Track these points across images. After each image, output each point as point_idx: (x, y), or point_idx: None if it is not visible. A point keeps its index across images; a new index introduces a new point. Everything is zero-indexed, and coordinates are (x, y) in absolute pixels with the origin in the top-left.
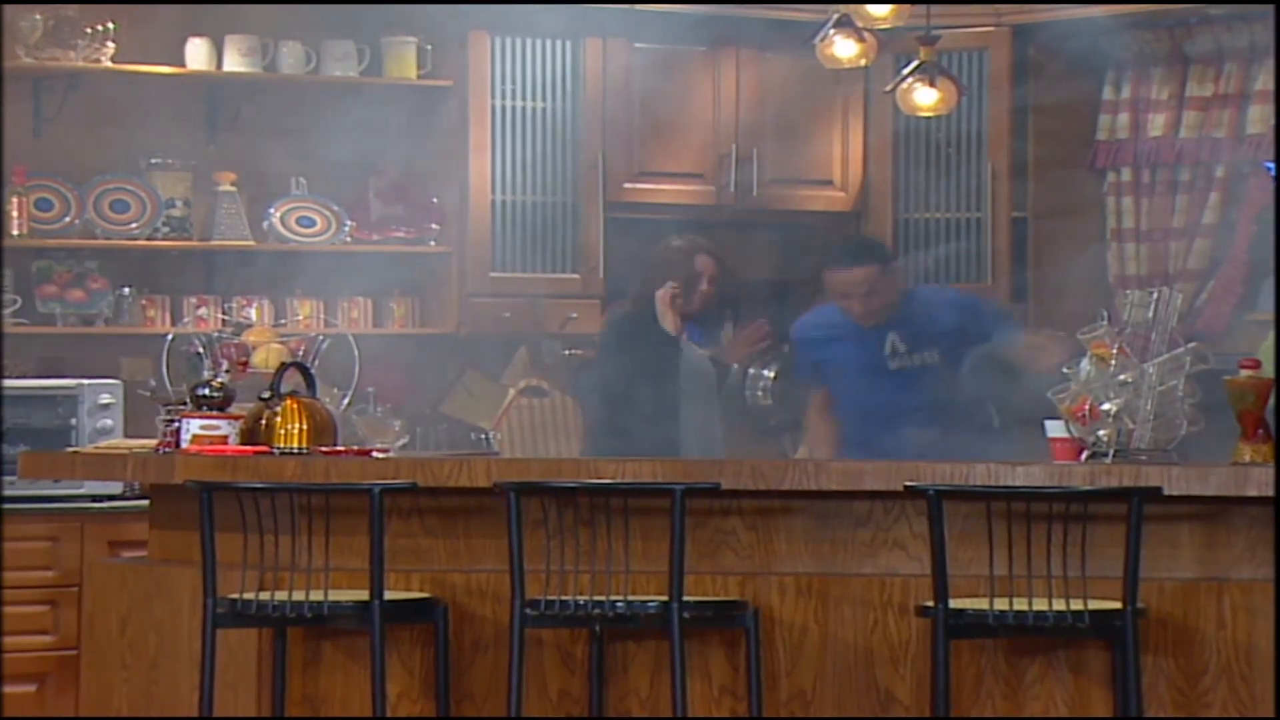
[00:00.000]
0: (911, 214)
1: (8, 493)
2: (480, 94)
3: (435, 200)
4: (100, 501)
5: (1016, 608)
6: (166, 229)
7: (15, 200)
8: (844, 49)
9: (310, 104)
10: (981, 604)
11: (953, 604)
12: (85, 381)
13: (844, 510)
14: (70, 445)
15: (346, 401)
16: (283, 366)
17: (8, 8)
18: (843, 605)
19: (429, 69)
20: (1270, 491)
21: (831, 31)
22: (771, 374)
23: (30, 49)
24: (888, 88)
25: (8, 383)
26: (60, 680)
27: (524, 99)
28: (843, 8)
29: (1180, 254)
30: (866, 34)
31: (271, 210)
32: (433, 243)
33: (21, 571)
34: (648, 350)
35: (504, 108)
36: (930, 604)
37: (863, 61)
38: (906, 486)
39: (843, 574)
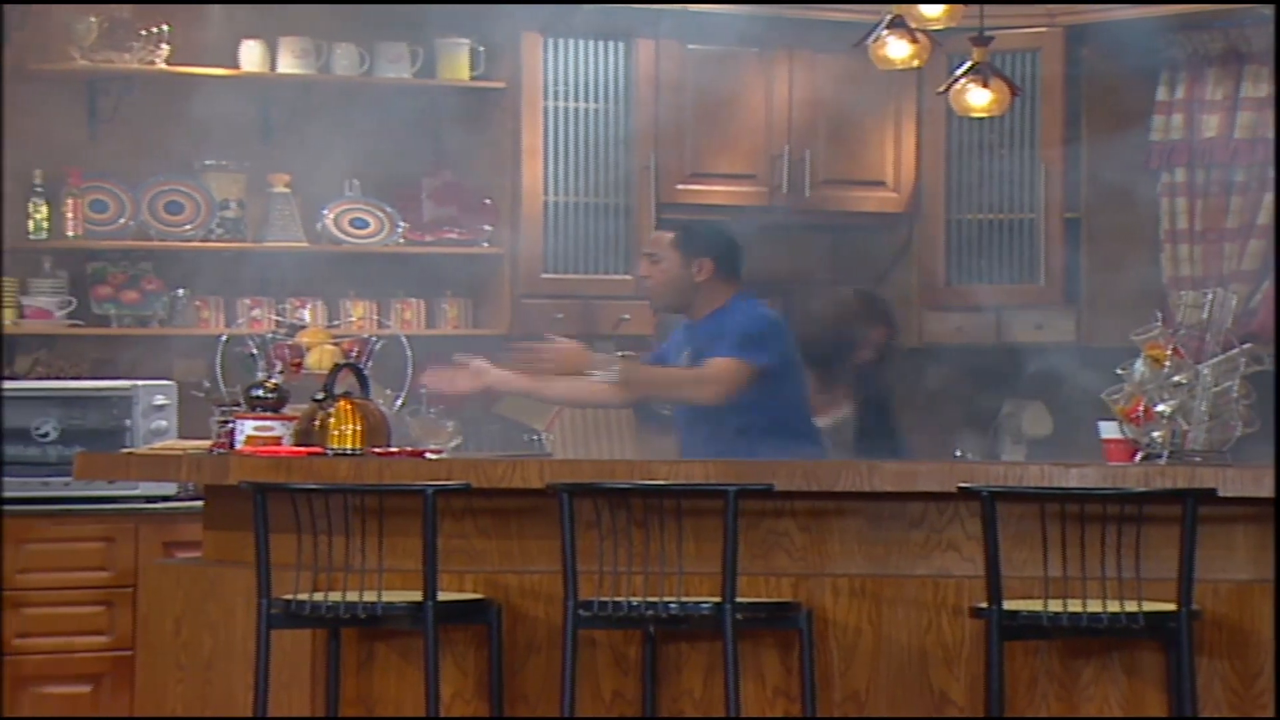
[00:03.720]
0: (964, 215)
1: (63, 494)
2: (533, 95)
3: (488, 201)
4: (155, 502)
5: (1071, 609)
6: (221, 230)
7: (70, 202)
8: (897, 50)
9: (364, 106)
10: (1036, 605)
11: (1007, 605)
12: (140, 383)
13: (897, 512)
14: (125, 446)
15: (400, 402)
16: (336, 368)
17: (62, 11)
18: (896, 607)
19: (482, 70)
20: None
21: (884, 32)
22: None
23: (85, 51)
24: (940, 89)
25: (63, 384)
26: (115, 681)
27: (576, 100)
28: (896, 8)
29: (1234, 255)
30: (919, 35)
31: (325, 211)
32: (485, 244)
33: (77, 572)
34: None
35: (556, 109)
36: (984, 605)
37: (916, 62)
38: (960, 488)
39: (896, 575)
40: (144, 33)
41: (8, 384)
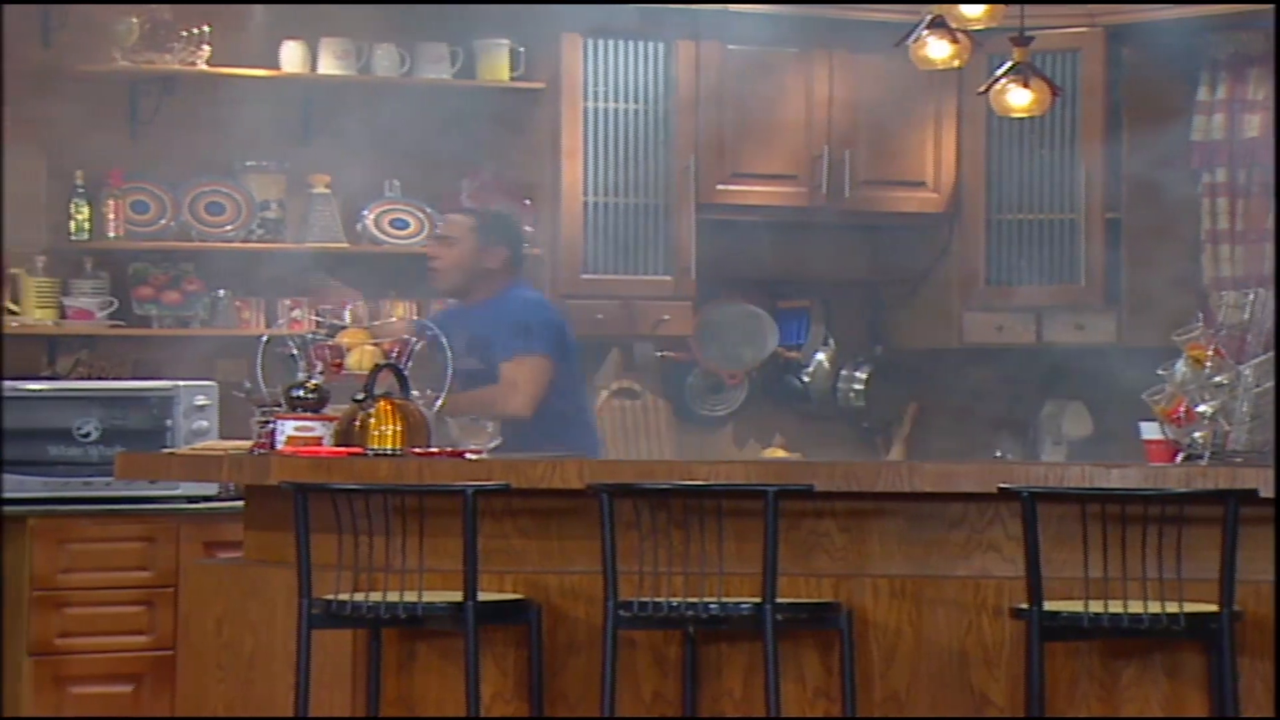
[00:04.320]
0: (1004, 215)
1: (105, 494)
2: (573, 96)
3: (528, 202)
4: (196, 502)
5: (1111, 610)
6: (261, 231)
7: (112, 203)
8: (937, 50)
9: (404, 106)
10: (1076, 606)
11: (1047, 606)
12: (181, 383)
13: (937, 512)
14: (166, 447)
15: (440, 403)
16: (376, 368)
17: (103, 12)
18: (936, 607)
19: (522, 71)
20: None
21: (925, 32)
22: (864, 375)
23: (126, 52)
24: (981, 89)
25: (104, 384)
26: (156, 681)
27: (616, 101)
28: (936, 9)
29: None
30: (960, 35)
31: (365, 212)
32: (525, 245)
33: (118, 572)
34: None
35: (596, 110)
36: (1025, 606)
37: (956, 63)
38: (1000, 489)
39: (936, 576)
40: (185, 34)
41: (51, 384)
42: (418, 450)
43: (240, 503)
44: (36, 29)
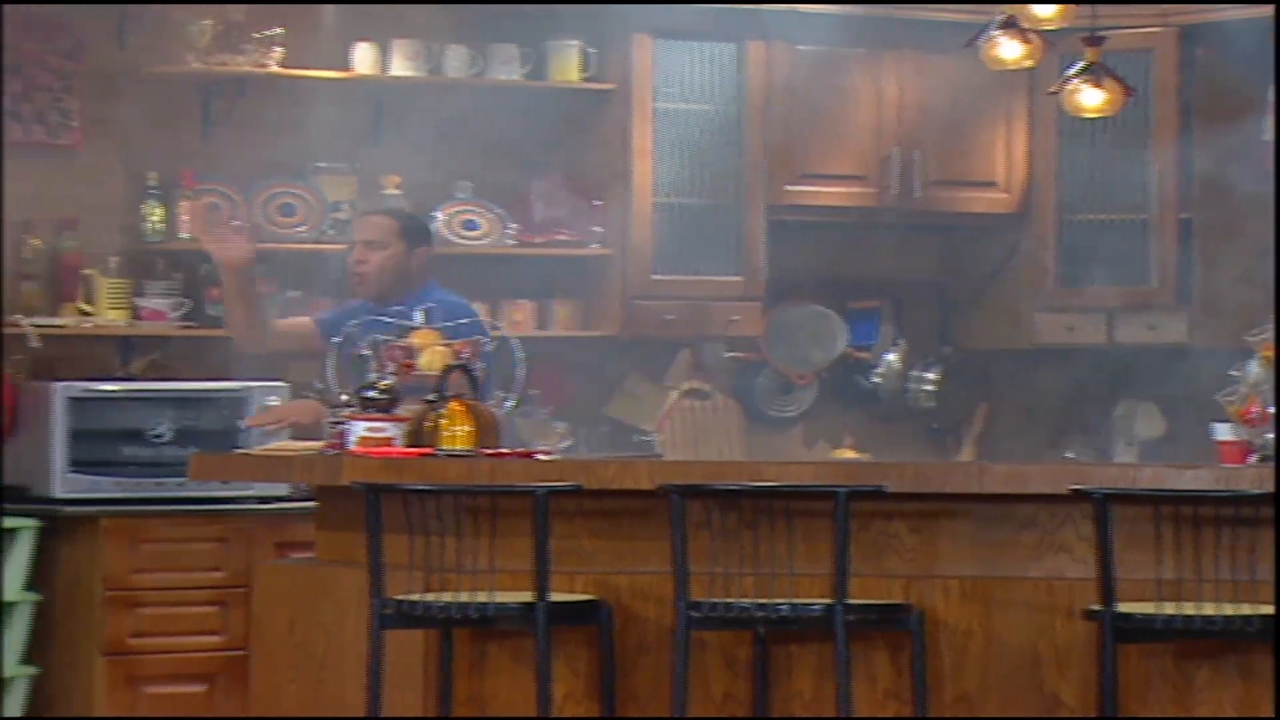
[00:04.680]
0: (1075, 215)
1: (178, 494)
2: (643, 97)
3: (598, 203)
4: (268, 503)
5: (1185, 612)
6: (333, 232)
7: (185, 204)
8: (1009, 50)
9: (474, 107)
10: (1149, 608)
11: (1120, 608)
12: (253, 384)
13: (1008, 513)
14: (238, 447)
15: (510, 404)
16: (447, 369)
17: (176, 14)
18: (1008, 609)
19: (592, 72)
20: None
21: (996, 32)
22: (935, 376)
23: (199, 54)
24: (1052, 89)
25: (177, 385)
26: (229, 681)
27: (686, 101)
28: (1008, 9)
29: None
30: (1032, 35)
31: (436, 213)
32: (595, 245)
33: (191, 573)
34: None
35: (666, 110)
36: (1097, 607)
37: (1028, 63)
38: (1073, 490)
39: (1007, 577)
40: (257, 36)
41: (124, 385)
42: (488, 451)
43: (312, 503)
44: (111, 31)
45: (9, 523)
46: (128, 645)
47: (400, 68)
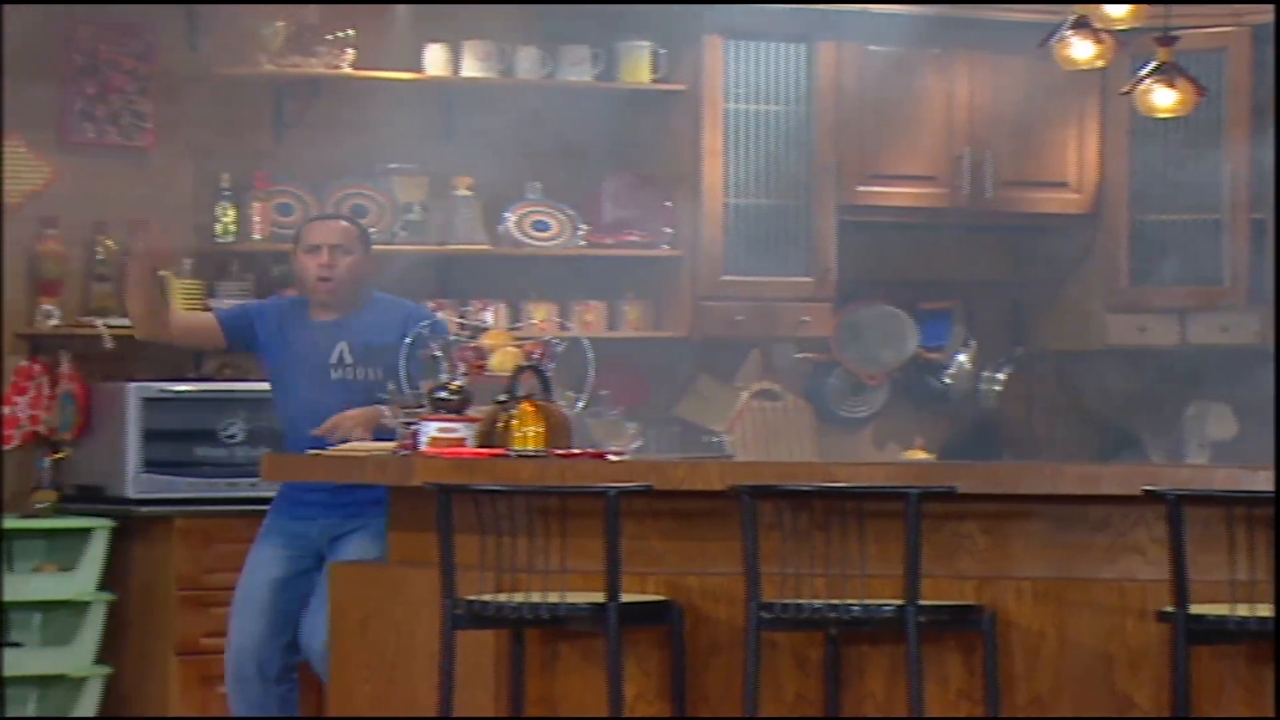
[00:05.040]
0: (1147, 215)
1: (250, 494)
2: (714, 97)
3: (668, 204)
4: None
5: (1258, 613)
6: (404, 233)
7: (257, 205)
8: (1081, 50)
9: (545, 108)
10: (1221, 609)
11: (1193, 609)
12: None
13: (1080, 515)
14: (311, 448)
15: (581, 404)
16: (519, 369)
17: (249, 16)
18: (1080, 610)
19: (663, 73)
20: None
21: (1069, 33)
22: (1005, 377)
23: (272, 56)
24: (1125, 89)
25: (250, 386)
26: (302, 680)
27: (757, 102)
28: (1080, 9)
29: None
30: (1104, 35)
31: (507, 214)
32: (666, 246)
33: None
34: None
35: (737, 111)
36: (1170, 609)
37: (1100, 63)
38: (1145, 491)
39: (1080, 578)
40: (329, 37)
41: (197, 385)
42: (560, 451)
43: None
44: (183, 33)
45: (83, 523)
46: (200, 645)
47: (471, 69)
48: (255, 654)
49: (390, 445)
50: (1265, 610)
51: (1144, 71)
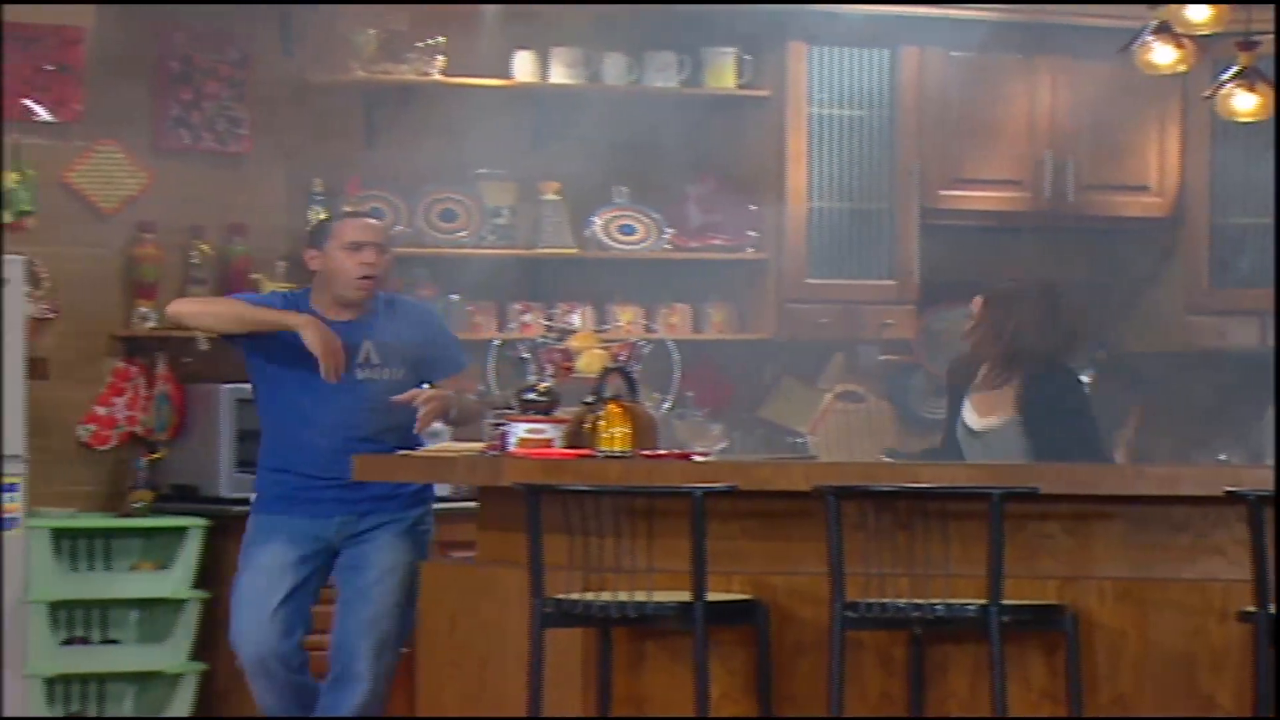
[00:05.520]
0: (1228, 219)
1: None
2: (798, 103)
3: (753, 207)
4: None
5: None
6: (493, 237)
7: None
8: (1163, 55)
9: (632, 114)
10: None
11: (1274, 609)
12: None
13: (1162, 515)
14: (402, 448)
15: (667, 406)
16: (605, 371)
17: (342, 24)
18: (1162, 610)
19: (748, 79)
20: None
21: (1150, 38)
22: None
23: (364, 63)
24: (1206, 93)
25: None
26: (395, 678)
27: (840, 107)
28: (1161, 13)
29: None
30: (1185, 40)
31: (594, 219)
32: (750, 249)
33: None
34: None
35: (820, 116)
36: (1251, 609)
37: (1181, 67)
38: (1227, 492)
39: (1162, 579)
40: (420, 45)
41: None
42: (646, 452)
43: (471, 503)
44: (276, 41)
45: (179, 522)
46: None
47: (559, 75)
48: (276, 652)
49: (479, 446)
50: None
51: (1225, 76)
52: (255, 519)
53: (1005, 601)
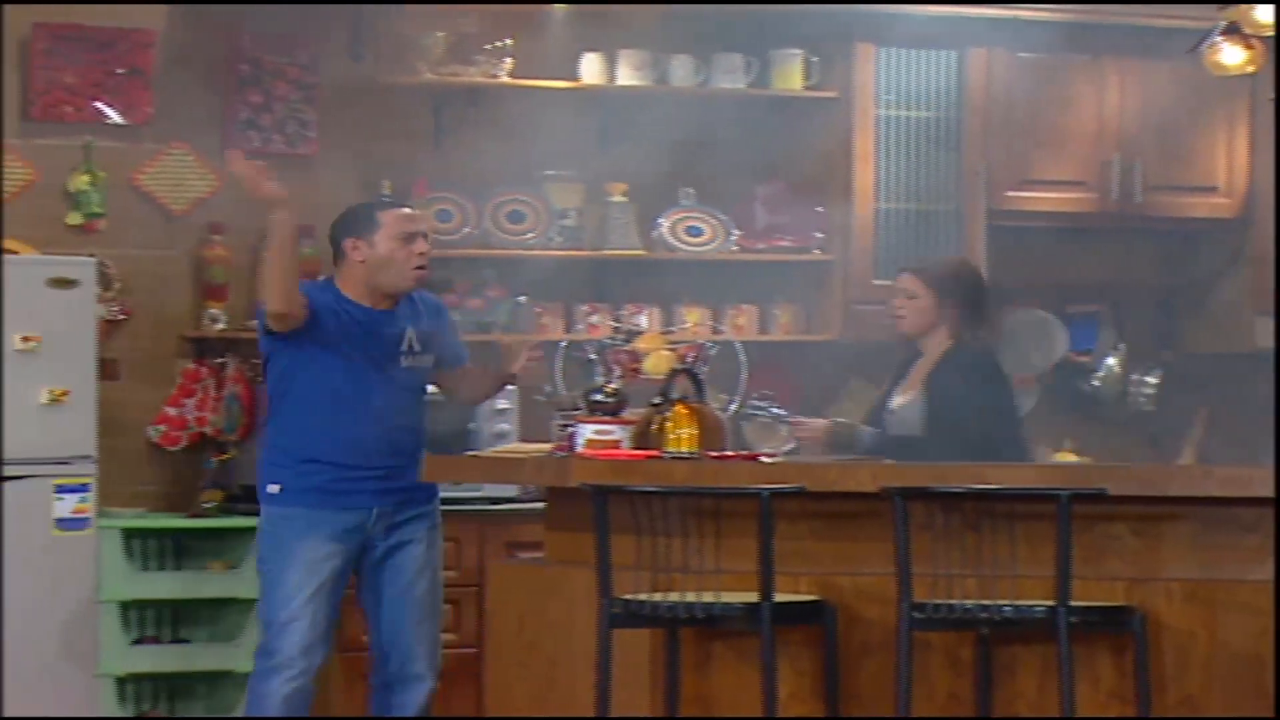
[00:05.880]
0: None
1: None
2: (865, 104)
3: (819, 209)
4: (498, 504)
5: None
6: (560, 239)
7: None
8: (1231, 56)
9: (699, 116)
10: None
11: None
12: None
13: (1230, 516)
14: (470, 449)
15: (734, 407)
16: (673, 372)
17: (410, 26)
18: (1231, 611)
19: (815, 80)
20: None
21: (1219, 38)
22: (1155, 380)
23: (432, 65)
24: (1273, 94)
25: None
26: (463, 678)
27: (907, 108)
28: (1230, 14)
29: None
30: (1254, 40)
31: (661, 220)
32: (817, 251)
33: None
34: None
35: (888, 117)
36: None
37: (1250, 68)
38: None
39: (1230, 580)
40: (488, 47)
41: None
42: (713, 453)
43: (538, 504)
44: (345, 44)
45: (248, 522)
46: (362, 642)
47: (627, 77)
48: (320, 649)
49: (547, 446)
50: None
51: None
52: (287, 510)
53: (1073, 603)
